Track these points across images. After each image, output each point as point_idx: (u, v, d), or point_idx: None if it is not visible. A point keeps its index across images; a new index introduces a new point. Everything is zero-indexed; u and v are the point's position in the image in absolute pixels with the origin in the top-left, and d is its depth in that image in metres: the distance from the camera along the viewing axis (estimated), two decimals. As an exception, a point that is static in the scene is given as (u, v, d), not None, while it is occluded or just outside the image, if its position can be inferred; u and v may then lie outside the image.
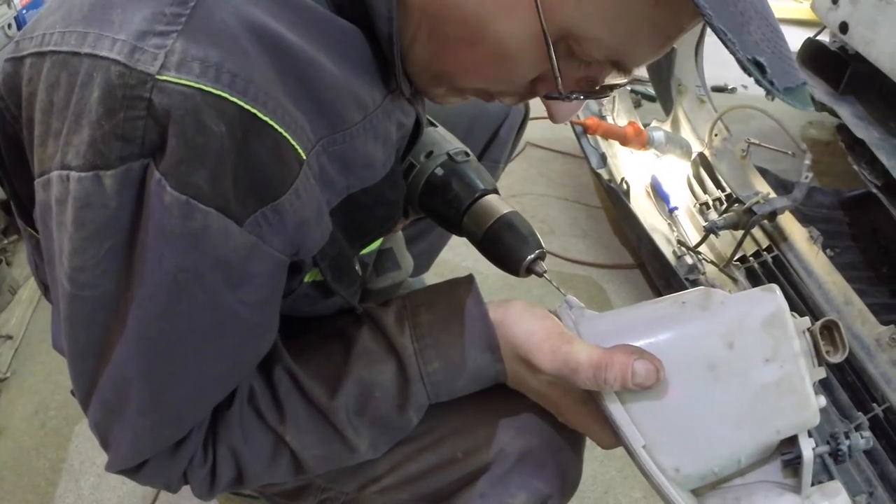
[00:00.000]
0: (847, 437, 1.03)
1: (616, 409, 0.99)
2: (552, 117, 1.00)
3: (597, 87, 0.96)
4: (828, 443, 1.03)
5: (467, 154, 1.31)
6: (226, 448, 1.03)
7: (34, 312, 2.58)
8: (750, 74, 0.75)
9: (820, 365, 0.98)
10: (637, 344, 0.98)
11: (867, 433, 0.98)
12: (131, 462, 0.98)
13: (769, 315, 0.96)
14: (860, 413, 1.95)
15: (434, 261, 2.13)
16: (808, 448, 0.96)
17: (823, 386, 2.02)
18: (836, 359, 0.96)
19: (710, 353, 0.97)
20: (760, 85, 0.75)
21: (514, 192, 3.32)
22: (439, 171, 1.27)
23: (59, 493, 2.04)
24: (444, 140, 1.32)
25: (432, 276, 2.03)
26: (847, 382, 2.06)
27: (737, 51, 0.73)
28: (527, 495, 1.15)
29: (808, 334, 0.97)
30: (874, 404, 1.99)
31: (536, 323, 1.04)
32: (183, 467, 1.02)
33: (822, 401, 0.98)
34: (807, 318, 0.98)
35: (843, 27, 2.54)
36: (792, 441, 0.98)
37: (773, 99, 0.85)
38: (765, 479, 1.01)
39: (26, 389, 2.31)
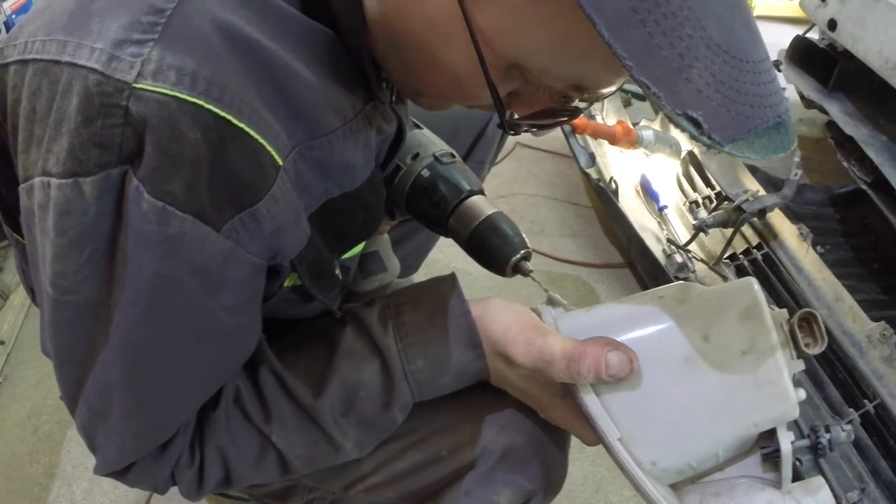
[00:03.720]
0: (828, 430, 1.02)
1: (591, 402, 0.99)
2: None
3: (569, 106, 0.96)
4: (808, 436, 1.02)
5: (453, 155, 1.32)
6: (213, 449, 1.04)
7: (26, 318, 2.58)
8: (683, 131, 0.70)
9: (798, 357, 0.97)
10: (613, 337, 0.98)
11: (848, 426, 0.96)
12: (118, 465, 0.99)
13: (745, 307, 0.96)
14: (851, 409, 1.95)
15: (422, 262, 2.13)
16: (786, 441, 0.96)
17: (814, 382, 2.03)
18: (815, 351, 0.95)
19: (686, 345, 0.97)
20: (699, 142, 0.72)
21: (504, 192, 3.33)
22: (425, 173, 1.27)
23: (52, 499, 2.05)
24: (430, 142, 1.33)
25: (421, 278, 2.02)
26: (838, 379, 2.06)
27: (664, 105, 0.68)
28: (511, 492, 1.17)
29: (785, 326, 0.96)
30: (865, 401, 1.98)
31: (513, 317, 1.05)
32: (170, 469, 1.03)
33: (802, 394, 0.97)
34: (785, 311, 0.97)
35: (832, 24, 2.54)
36: (771, 434, 0.98)
37: (717, 153, 0.77)
38: (745, 474, 1.01)
39: (18, 395, 2.32)
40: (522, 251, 1.19)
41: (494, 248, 1.20)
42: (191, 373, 0.95)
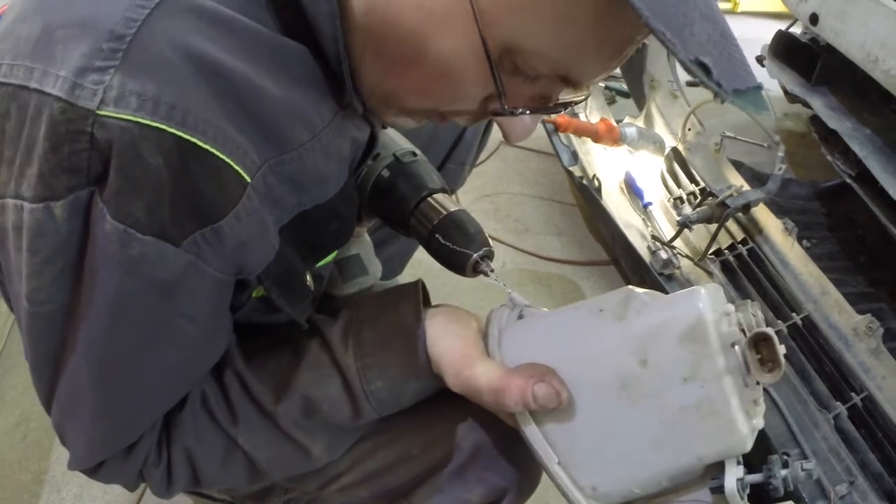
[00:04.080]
0: (785, 465, 0.92)
1: (529, 428, 0.97)
2: (506, 137, 0.99)
3: (549, 104, 0.96)
4: (762, 470, 0.93)
5: (414, 154, 1.31)
6: (180, 450, 1.06)
7: (13, 325, 2.57)
8: (694, 76, 0.73)
9: (756, 384, 0.87)
10: (547, 359, 0.96)
11: (809, 464, 0.86)
12: (88, 463, 1.02)
13: (688, 328, 0.86)
14: (838, 403, 1.96)
15: (407, 263, 2.13)
16: (731, 479, 0.87)
17: (801, 376, 2.03)
18: (769, 379, 0.83)
19: (622, 370, 0.90)
20: (707, 87, 0.74)
21: (488, 191, 3.33)
22: (385, 173, 1.26)
23: (42, 505, 2.04)
24: (391, 141, 1.32)
25: (406, 278, 2.02)
26: (825, 372, 2.07)
27: (678, 52, 0.71)
28: (483, 490, 1.18)
29: (737, 349, 0.85)
30: (853, 393, 2.00)
31: (447, 342, 1.05)
32: (137, 468, 1.05)
33: (759, 423, 0.88)
34: (736, 330, 0.86)
35: (814, 19, 2.54)
36: (722, 465, 0.89)
37: (722, 102, 0.82)
38: (699, 500, 0.95)
39: (7, 402, 2.31)
40: (483, 249, 1.16)
41: (453, 248, 1.17)
42: (155, 381, 0.97)
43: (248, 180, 0.83)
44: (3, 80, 0.77)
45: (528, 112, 0.94)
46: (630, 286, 0.95)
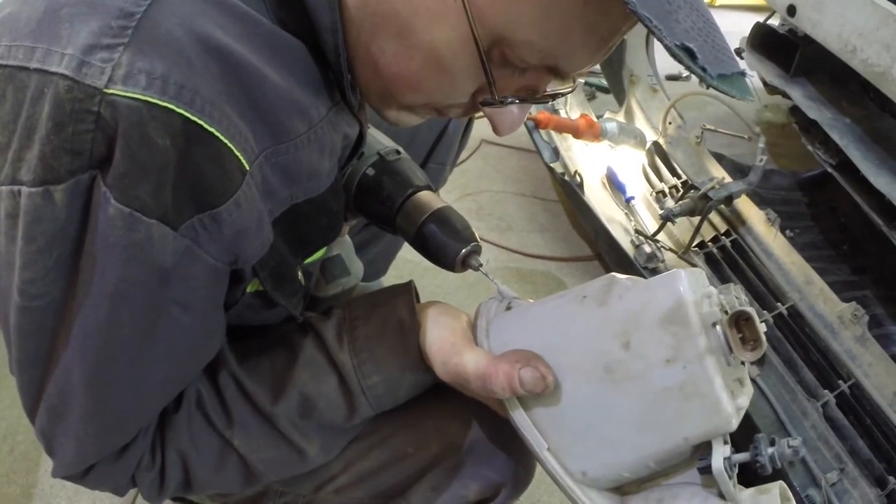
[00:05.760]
0: (772, 443, 0.92)
1: (517, 414, 0.98)
2: (495, 130, 0.99)
3: (536, 96, 0.96)
4: (749, 450, 0.93)
5: (398, 152, 1.31)
6: (174, 451, 1.05)
7: (-2, 337, 2.55)
8: (680, 61, 0.73)
9: (741, 363, 0.88)
10: (533, 346, 0.96)
11: (796, 441, 0.86)
12: (77, 468, 1.00)
13: (668, 310, 0.87)
14: (826, 391, 1.97)
15: (391, 264, 2.13)
16: (718, 458, 0.86)
17: (788, 365, 2.03)
18: (751, 356, 0.84)
19: (605, 354, 0.91)
20: (692, 72, 0.74)
21: (470, 189, 3.32)
22: (370, 172, 1.26)
23: (30, 518, 2.03)
24: (374, 140, 1.31)
25: (392, 279, 2.02)
26: (812, 361, 2.08)
27: (664, 37, 0.71)
28: (479, 485, 1.18)
29: (718, 329, 0.85)
30: (840, 381, 2.01)
31: (437, 333, 1.06)
32: (130, 471, 1.04)
33: (743, 402, 0.88)
34: (716, 310, 0.86)
35: (791, 10, 2.54)
36: (709, 445, 0.88)
37: (707, 88, 0.83)
38: (689, 482, 0.94)
39: (-7, 416, 2.30)
40: (471, 245, 1.17)
41: (441, 243, 1.18)
42: (149, 376, 0.95)
43: (248, 168, 0.83)
44: (0, 62, 0.76)
45: (517, 101, 0.94)
46: (613, 273, 0.96)
